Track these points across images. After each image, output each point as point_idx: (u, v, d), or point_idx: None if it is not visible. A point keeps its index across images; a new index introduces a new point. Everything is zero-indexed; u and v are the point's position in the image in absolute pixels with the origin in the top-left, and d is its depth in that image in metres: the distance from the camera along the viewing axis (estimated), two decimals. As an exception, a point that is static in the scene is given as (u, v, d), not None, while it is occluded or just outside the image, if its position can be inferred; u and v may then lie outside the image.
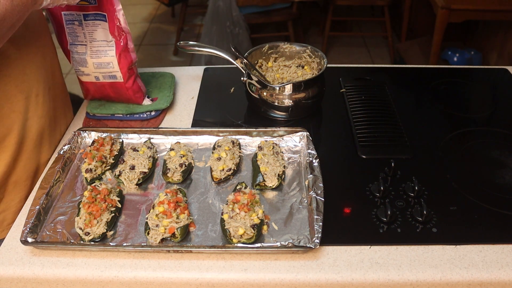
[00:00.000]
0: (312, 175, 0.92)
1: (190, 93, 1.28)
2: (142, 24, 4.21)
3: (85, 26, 1.06)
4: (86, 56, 1.08)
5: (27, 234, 0.82)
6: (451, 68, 1.42)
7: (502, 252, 0.81)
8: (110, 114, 1.16)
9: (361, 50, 3.67)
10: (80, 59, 1.09)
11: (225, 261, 0.81)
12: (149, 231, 0.83)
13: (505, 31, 2.80)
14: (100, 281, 0.80)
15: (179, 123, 1.16)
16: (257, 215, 0.84)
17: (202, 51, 1.20)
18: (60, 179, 0.96)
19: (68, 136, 1.07)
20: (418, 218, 0.86)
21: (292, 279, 0.78)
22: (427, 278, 0.78)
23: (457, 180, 0.96)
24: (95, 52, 1.08)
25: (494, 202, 0.91)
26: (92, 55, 1.08)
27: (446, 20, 2.61)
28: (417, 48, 3.14)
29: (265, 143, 1.01)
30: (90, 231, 0.83)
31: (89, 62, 1.09)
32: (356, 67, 1.41)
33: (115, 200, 0.89)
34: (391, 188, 0.94)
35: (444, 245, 0.82)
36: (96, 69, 1.09)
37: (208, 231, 0.86)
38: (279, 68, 1.24)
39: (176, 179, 0.96)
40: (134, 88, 1.14)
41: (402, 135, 1.09)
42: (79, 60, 1.10)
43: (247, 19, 3.17)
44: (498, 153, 1.04)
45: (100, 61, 1.08)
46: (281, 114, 1.14)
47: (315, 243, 0.79)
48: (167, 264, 0.80)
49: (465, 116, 1.18)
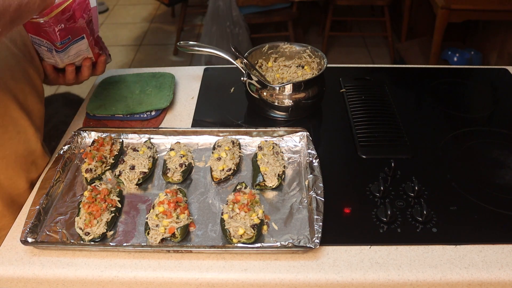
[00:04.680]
0: (312, 175, 0.92)
1: (190, 93, 1.28)
2: (142, 24, 4.21)
3: (56, 53, 0.98)
4: (58, 60, 1.02)
5: (27, 234, 0.82)
6: (451, 68, 1.42)
7: (502, 252, 0.81)
8: (110, 115, 1.16)
9: (361, 50, 3.67)
10: (50, 61, 1.03)
11: (225, 261, 0.81)
12: (149, 231, 0.83)
13: (505, 31, 2.79)
14: (100, 281, 0.80)
15: (179, 123, 1.16)
16: (257, 215, 0.84)
17: (202, 51, 1.20)
18: (60, 179, 0.96)
19: (68, 136, 1.07)
20: (418, 218, 0.86)
21: (292, 279, 0.78)
22: (427, 278, 0.78)
23: (457, 180, 0.96)
24: (70, 57, 1.02)
25: (494, 202, 0.91)
26: (65, 59, 1.02)
27: (446, 20, 2.61)
28: (417, 48, 3.14)
29: (265, 143, 1.01)
30: (90, 231, 0.83)
31: (61, 62, 1.03)
32: (356, 67, 1.41)
33: (115, 200, 0.89)
34: (391, 188, 0.94)
35: (444, 245, 0.82)
36: (69, 61, 1.04)
37: (208, 231, 0.86)
38: (279, 68, 1.24)
39: (176, 179, 0.96)
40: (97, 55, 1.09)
41: (402, 135, 1.09)
42: (48, 60, 1.03)
43: (247, 19, 3.17)
44: (498, 153, 1.04)
45: (75, 58, 1.03)
46: (281, 114, 1.14)
47: (315, 243, 0.79)
48: (167, 264, 0.80)
49: (465, 116, 1.18)
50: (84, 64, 1.06)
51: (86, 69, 1.07)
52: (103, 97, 1.22)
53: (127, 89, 1.24)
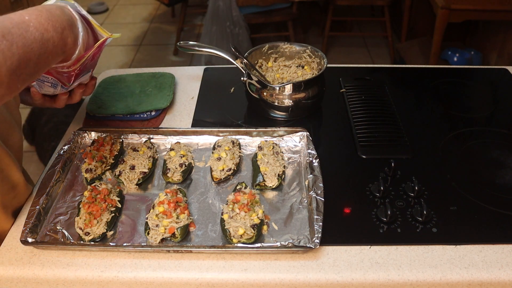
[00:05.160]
0: (312, 175, 0.92)
1: (190, 93, 1.28)
2: (142, 24, 4.21)
3: (61, 89, 0.92)
4: (57, 92, 0.93)
5: (27, 234, 0.82)
6: (451, 68, 1.42)
7: (502, 252, 0.81)
8: (110, 115, 1.16)
9: (361, 50, 3.67)
10: (46, 92, 0.94)
11: (225, 261, 0.81)
12: (149, 231, 0.83)
13: (505, 31, 2.79)
14: (100, 281, 0.80)
15: (179, 123, 1.16)
16: (257, 215, 0.84)
17: (202, 51, 1.20)
18: (60, 179, 0.96)
19: (68, 136, 1.07)
20: (418, 218, 0.86)
21: (292, 279, 0.78)
22: (427, 278, 0.78)
23: (457, 180, 0.96)
24: (70, 88, 0.94)
25: (494, 202, 0.91)
26: (64, 90, 0.94)
27: (446, 20, 2.61)
28: (417, 48, 3.14)
29: (265, 143, 1.01)
30: (90, 231, 0.83)
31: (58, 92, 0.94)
32: (356, 67, 1.41)
33: (115, 200, 0.89)
34: (391, 188, 0.94)
35: (444, 245, 0.82)
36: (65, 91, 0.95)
37: (208, 231, 0.86)
38: (279, 68, 1.24)
39: (176, 179, 0.96)
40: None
41: (402, 135, 1.09)
42: (45, 92, 0.94)
43: (247, 19, 3.17)
44: (498, 153, 1.04)
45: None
46: (281, 114, 1.14)
47: (315, 243, 0.79)
48: (167, 264, 0.80)
49: (465, 116, 1.18)
50: (77, 90, 0.96)
51: (78, 95, 0.96)
52: (103, 97, 1.22)
53: (127, 89, 1.24)
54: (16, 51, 0.64)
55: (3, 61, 0.62)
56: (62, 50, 0.75)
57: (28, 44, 0.66)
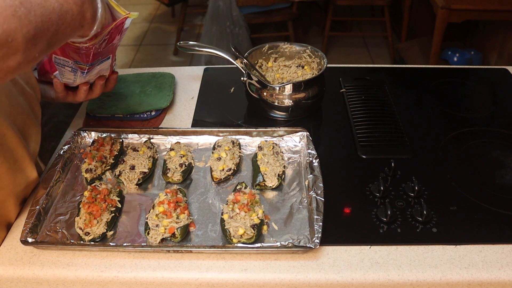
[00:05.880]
0: (312, 175, 0.92)
1: (190, 93, 1.28)
2: (142, 24, 4.21)
3: (81, 74, 0.92)
4: (77, 80, 0.94)
5: (27, 234, 0.82)
6: (451, 68, 1.42)
7: (502, 252, 0.81)
8: (110, 115, 1.16)
9: (361, 50, 3.67)
10: (67, 81, 0.96)
11: (225, 261, 0.81)
12: (149, 231, 0.83)
13: (505, 31, 2.79)
14: (100, 281, 0.80)
15: (179, 123, 1.16)
16: (257, 215, 0.84)
17: (202, 51, 1.20)
18: (60, 179, 0.96)
19: (68, 136, 1.07)
20: (418, 218, 0.86)
21: (292, 279, 0.78)
22: (427, 278, 0.78)
23: (457, 180, 0.96)
24: (90, 76, 0.95)
25: (494, 202, 0.91)
26: (84, 79, 0.95)
27: (446, 20, 2.61)
28: (417, 48, 3.14)
29: (265, 143, 1.01)
30: (90, 231, 0.83)
31: (78, 82, 0.96)
32: (356, 67, 1.41)
33: (115, 200, 0.89)
34: (391, 188, 0.94)
35: (444, 245, 0.82)
36: (85, 80, 0.97)
37: (208, 231, 0.86)
38: (279, 68, 1.24)
39: (176, 179, 0.96)
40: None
41: (402, 135, 1.09)
42: (66, 80, 0.96)
43: (247, 19, 3.17)
44: (498, 153, 1.04)
45: (93, 77, 0.97)
46: (281, 114, 1.14)
47: (315, 243, 0.79)
48: (167, 264, 0.80)
49: (465, 116, 1.18)
50: (98, 82, 0.98)
51: (99, 87, 1.00)
52: (103, 97, 1.21)
53: (127, 89, 1.24)
54: (33, 19, 0.63)
55: (20, 27, 0.61)
56: (81, 23, 0.74)
57: (47, 14, 0.65)
